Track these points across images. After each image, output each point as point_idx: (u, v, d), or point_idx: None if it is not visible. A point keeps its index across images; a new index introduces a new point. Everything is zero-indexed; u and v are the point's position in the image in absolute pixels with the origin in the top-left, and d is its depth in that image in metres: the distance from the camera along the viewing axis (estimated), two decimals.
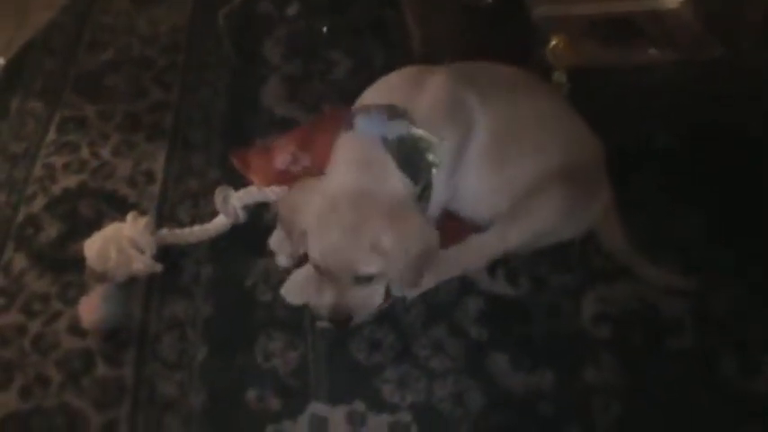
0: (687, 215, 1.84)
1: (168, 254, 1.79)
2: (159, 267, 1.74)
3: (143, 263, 1.71)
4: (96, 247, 1.71)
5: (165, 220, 1.90)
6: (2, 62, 2.44)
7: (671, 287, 1.69)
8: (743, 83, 2.10)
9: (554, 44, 2.15)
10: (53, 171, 2.05)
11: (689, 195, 1.88)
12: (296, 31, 2.54)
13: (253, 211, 1.87)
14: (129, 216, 1.76)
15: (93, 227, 1.80)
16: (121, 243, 1.70)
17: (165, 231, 1.81)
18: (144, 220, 1.75)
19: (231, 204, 1.82)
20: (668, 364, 1.59)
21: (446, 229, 1.66)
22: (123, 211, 1.84)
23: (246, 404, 1.54)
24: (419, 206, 1.59)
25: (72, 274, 1.77)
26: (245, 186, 1.88)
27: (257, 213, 1.88)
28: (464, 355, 1.61)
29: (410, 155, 1.56)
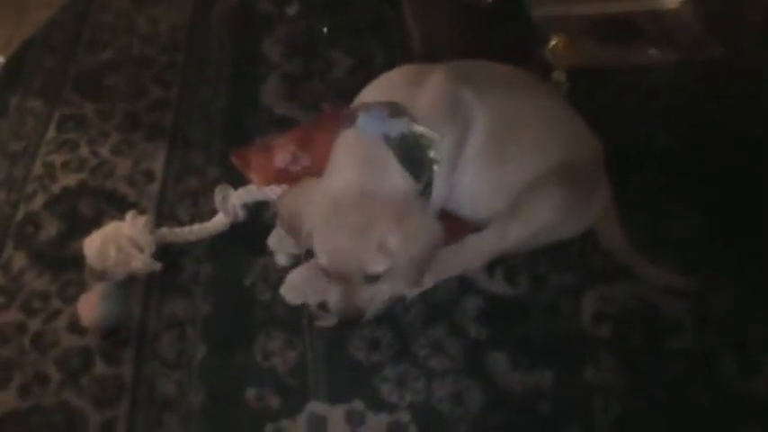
0: (686, 215, 1.84)
1: (168, 252, 1.79)
2: (158, 266, 1.74)
3: (142, 261, 1.71)
4: (96, 245, 1.71)
5: (165, 218, 1.90)
6: (1, 60, 2.44)
7: (671, 287, 1.69)
8: (742, 83, 2.10)
9: (554, 44, 2.16)
10: (53, 169, 2.05)
11: (688, 195, 1.88)
12: (296, 30, 2.54)
13: (252, 209, 1.87)
14: (129, 215, 1.76)
15: (93, 225, 1.81)
16: (121, 242, 1.70)
17: (165, 230, 1.81)
18: (143, 219, 1.75)
19: (231, 203, 1.82)
20: (668, 363, 1.59)
21: (445, 228, 1.65)
22: (123, 209, 1.84)
23: (246, 403, 1.54)
24: (423, 202, 1.59)
25: (71, 272, 1.77)
26: (244, 185, 1.88)
27: (257, 212, 1.88)
28: (463, 355, 1.61)
29: (412, 152, 1.56)
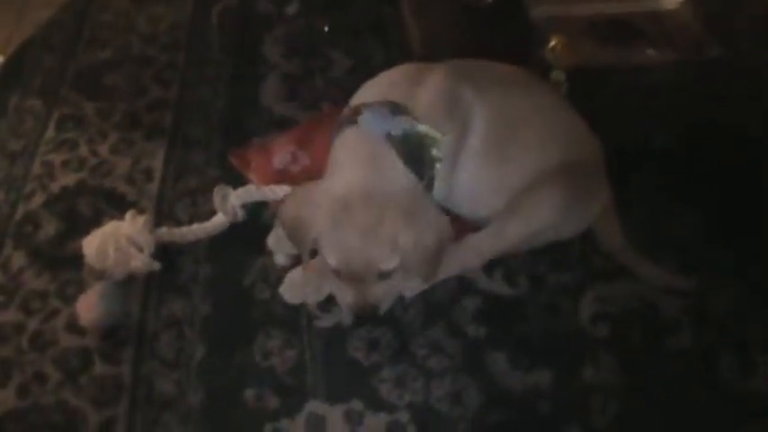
0: (685, 214, 1.84)
1: (167, 252, 1.79)
2: (157, 265, 1.74)
3: (141, 261, 1.71)
4: (95, 244, 1.71)
5: (164, 218, 1.90)
6: (1, 59, 2.44)
7: (670, 287, 1.69)
8: (742, 83, 2.10)
9: (553, 44, 2.16)
10: (52, 169, 2.05)
11: (687, 195, 1.88)
12: (295, 29, 2.54)
13: (251, 209, 1.87)
14: (128, 214, 1.76)
15: (92, 225, 1.81)
16: (120, 241, 1.70)
17: (164, 230, 1.81)
18: (142, 219, 1.75)
19: (230, 203, 1.82)
20: (667, 363, 1.59)
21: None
22: (122, 209, 1.84)
23: (244, 403, 1.54)
24: (429, 197, 1.59)
25: (70, 271, 1.77)
26: (243, 185, 1.88)
27: (256, 212, 1.88)
28: (462, 355, 1.61)
29: (415, 150, 1.56)
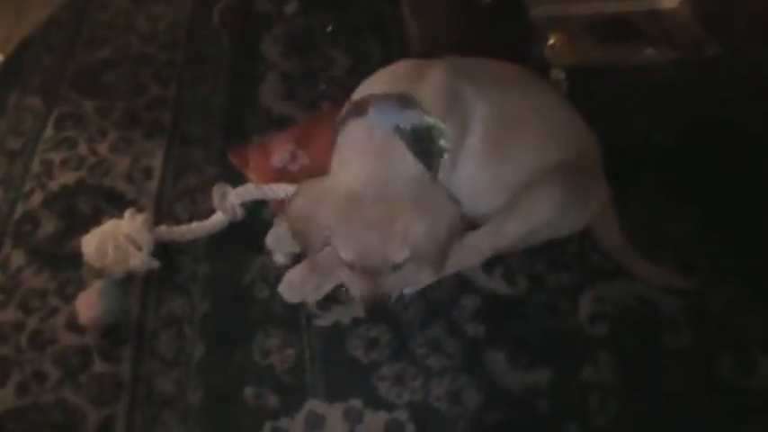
0: (684, 213, 1.84)
1: (166, 251, 1.79)
2: (157, 264, 1.74)
3: (140, 259, 1.71)
4: (94, 243, 1.71)
5: (163, 216, 1.90)
6: (0, 58, 2.44)
7: (669, 286, 1.69)
8: (741, 82, 2.10)
9: (552, 43, 2.15)
10: (51, 167, 2.05)
11: (686, 194, 1.88)
12: (294, 28, 2.54)
13: (250, 208, 1.87)
14: (127, 213, 1.76)
15: (91, 223, 1.81)
16: (119, 239, 1.70)
17: (163, 228, 1.81)
18: (142, 217, 1.75)
19: (229, 201, 1.82)
20: (666, 362, 1.59)
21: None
22: (121, 207, 1.84)
23: (244, 401, 1.54)
24: (440, 184, 1.59)
25: (70, 270, 1.77)
26: (242, 184, 1.88)
27: (255, 211, 1.88)
28: (461, 353, 1.61)
29: (424, 142, 1.55)
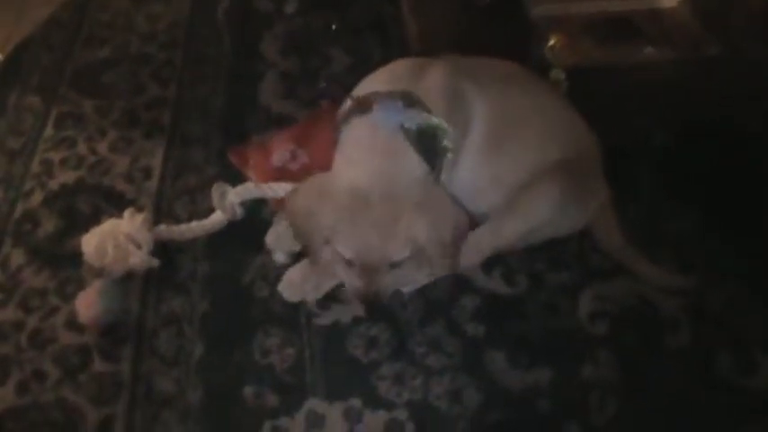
0: (684, 212, 1.84)
1: (165, 250, 1.79)
2: (156, 263, 1.74)
3: (140, 258, 1.71)
4: (94, 242, 1.71)
5: (163, 216, 1.90)
6: (0, 57, 2.44)
7: (669, 285, 1.69)
8: (740, 81, 2.10)
9: (552, 43, 2.16)
10: (51, 167, 2.05)
11: (686, 193, 1.88)
12: (294, 28, 2.54)
13: (250, 207, 1.87)
14: (127, 212, 1.76)
15: (91, 222, 1.81)
16: (119, 239, 1.70)
17: (163, 227, 1.81)
18: (141, 216, 1.75)
19: (228, 201, 1.82)
20: (666, 361, 1.59)
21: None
22: (121, 206, 1.84)
23: (244, 400, 1.54)
24: (444, 187, 1.59)
25: (69, 269, 1.77)
26: (242, 183, 1.88)
27: (254, 210, 1.88)
28: (461, 353, 1.61)
29: (428, 142, 1.55)
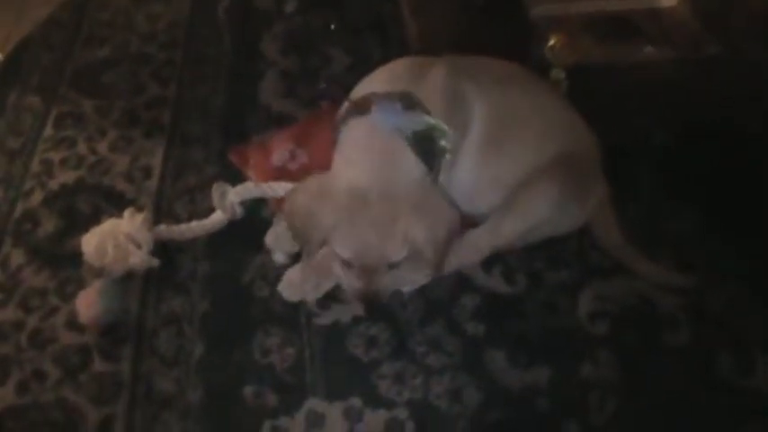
0: (683, 212, 1.84)
1: (165, 249, 1.79)
2: (156, 263, 1.74)
3: (140, 258, 1.71)
4: (94, 242, 1.71)
5: (163, 215, 1.90)
6: (0, 57, 2.44)
7: (668, 284, 1.69)
8: (740, 81, 2.10)
9: (552, 42, 2.16)
10: (50, 166, 2.05)
11: (686, 192, 1.88)
12: (294, 27, 2.54)
13: (250, 207, 1.87)
14: (127, 212, 1.76)
15: (91, 222, 1.81)
16: (119, 238, 1.70)
17: (163, 227, 1.81)
18: (141, 216, 1.75)
19: (228, 200, 1.82)
20: (665, 360, 1.59)
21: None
22: (121, 206, 1.84)
23: (244, 400, 1.54)
24: (440, 189, 1.60)
25: (69, 269, 1.77)
26: (242, 182, 1.88)
27: (254, 209, 1.88)
28: (461, 352, 1.61)
29: (426, 143, 1.55)
